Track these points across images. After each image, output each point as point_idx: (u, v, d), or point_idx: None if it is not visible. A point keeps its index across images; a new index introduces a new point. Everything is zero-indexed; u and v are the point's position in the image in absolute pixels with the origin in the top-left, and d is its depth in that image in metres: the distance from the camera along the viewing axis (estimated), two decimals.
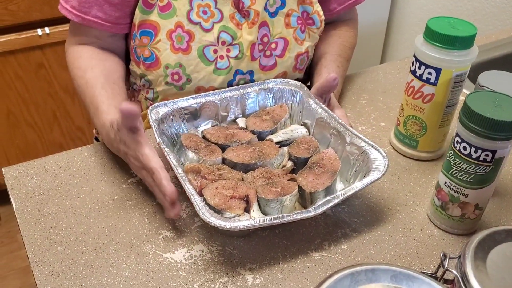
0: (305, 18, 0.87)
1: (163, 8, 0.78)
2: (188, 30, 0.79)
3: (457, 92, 0.72)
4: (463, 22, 0.70)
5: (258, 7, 0.81)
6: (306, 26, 0.87)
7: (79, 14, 0.79)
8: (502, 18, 1.63)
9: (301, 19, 0.86)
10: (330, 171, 0.66)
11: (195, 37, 0.80)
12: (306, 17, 0.87)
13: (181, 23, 0.79)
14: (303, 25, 0.86)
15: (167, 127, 0.73)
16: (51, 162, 0.75)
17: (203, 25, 0.80)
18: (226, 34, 0.81)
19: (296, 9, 0.85)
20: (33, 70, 1.57)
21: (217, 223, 0.55)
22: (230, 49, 0.81)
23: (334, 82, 0.74)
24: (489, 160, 0.58)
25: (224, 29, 0.80)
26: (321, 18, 0.88)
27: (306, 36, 0.87)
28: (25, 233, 0.64)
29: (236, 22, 0.81)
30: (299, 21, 0.86)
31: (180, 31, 0.79)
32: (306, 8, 0.86)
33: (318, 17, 0.87)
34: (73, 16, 0.79)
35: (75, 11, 0.79)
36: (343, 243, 0.64)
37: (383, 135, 0.84)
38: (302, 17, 0.86)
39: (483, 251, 0.47)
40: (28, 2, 1.47)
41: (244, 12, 0.81)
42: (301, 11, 0.86)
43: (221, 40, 0.81)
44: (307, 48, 0.88)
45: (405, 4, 1.98)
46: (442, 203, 0.65)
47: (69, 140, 1.77)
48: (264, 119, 0.77)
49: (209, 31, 0.80)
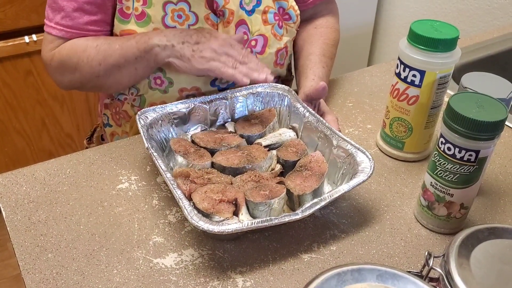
0: (281, 13, 0.88)
1: (139, 16, 0.80)
2: None
3: (442, 93, 0.73)
4: (445, 24, 0.72)
5: (232, 6, 0.82)
6: (283, 22, 0.88)
7: (67, 29, 0.80)
8: (486, 19, 1.66)
9: (278, 15, 0.87)
10: (317, 173, 0.67)
11: None
12: (282, 12, 0.88)
13: (158, 29, 0.80)
14: (280, 20, 0.88)
15: (156, 132, 0.73)
16: (40, 170, 0.75)
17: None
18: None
19: (272, 6, 0.86)
20: (21, 77, 1.57)
21: (205, 227, 0.56)
22: None
23: (323, 91, 0.75)
24: (473, 160, 0.59)
25: None
26: (296, 12, 0.89)
27: (284, 31, 0.89)
28: (15, 241, 0.64)
29: (212, 23, 0.82)
30: (276, 17, 0.87)
31: None
32: (281, 4, 0.88)
33: (293, 11, 0.89)
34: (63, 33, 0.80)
35: (62, 27, 0.80)
36: (332, 244, 0.65)
37: (370, 137, 0.85)
38: (278, 13, 0.88)
39: (467, 249, 0.48)
40: (15, 9, 1.47)
41: (219, 12, 0.82)
42: (277, 7, 0.87)
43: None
44: (285, 43, 0.89)
45: (391, 7, 2.00)
46: (428, 203, 0.66)
47: (59, 147, 1.77)
48: (253, 123, 0.78)
49: None
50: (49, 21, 0.81)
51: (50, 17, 0.81)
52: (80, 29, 0.80)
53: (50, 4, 0.80)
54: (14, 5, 1.46)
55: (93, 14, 0.79)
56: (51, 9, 0.80)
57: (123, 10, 0.80)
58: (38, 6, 1.49)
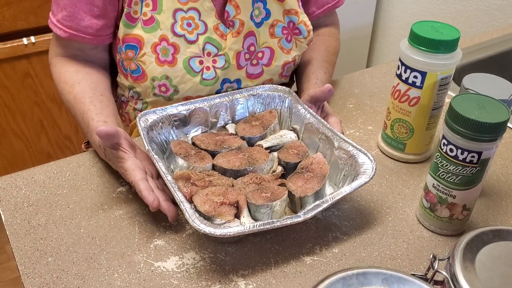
0: (291, 28, 0.87)
1: (147, 22, 0.79)
2: (173, 43, 0.79)
3: (443, 94, 0.73)
4: (446, 26, 0.71)
5: (243, 17, 0.82)
6: (293, 36, 0.88)
7: (64, 28, 0.80)
8: (484, 20, 1.66)
9: (287, 29, 0.87)
10: (319, 175, 0.67)
11: (180, 49, 0.80)
12: (292, 27, 0.87)
13: (166, 36, 0.79)
14: (289, 34, 0.87)
15: (156, 134, 0.73)
16: (40, 173, 0.75)
17: (187, 37, 0.80)
18: (211, 46, 0.81)
19: (281, 20, 0.86)
20: (19, 79, 1.56)
21: (207, 230, 0.55)
22: (216, 60, 0.82)
23: (329, 93, 0.75)
24: (475, 161, 0.59)
25: (209, 40, 0.81)
26: (308, 28, 0.88)
27: (293, 45, 0.88)
28: (15, 245, 0.63)
29: (221, 33, 0.82)
30: (284, 31, 0.86)
31: (165, 44, 0.79)
32: (291, 18, 0.87)
33: (304, 27, 0.88)
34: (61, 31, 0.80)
35: (62, 26, 0.80)
36: (334, 246, 0.64)
37: (371, 138, 0.85)
38: (288, 27, 0.87)
39: (472, 252, 0.48)
40: (13, 11, 1.46)
41: (229, 22, 0.82)
42: (287, 21, 0.87)
43: (207, 51, 0.81)
44: (294, 57, 0.89)
45: (390, 8, 2.00)
46: (430, 205, 0.66)
47: (57, 149, 1.76)
48: (253, 125, 0.77)
49: (194, 42, 0.80)
50: (53, 16, 0.81)
51: (54, 13, 0.80)
52: (79, 31, 0.79)
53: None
54: (12, 7, 1.45)
55: (95, 17, 0.79)
56: (56, 5, 0.80)
57: (130, 15, 0.79)
58: (36, 8, 1.48)
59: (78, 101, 0.77)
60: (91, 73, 0.82)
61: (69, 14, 0.78)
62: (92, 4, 0.78)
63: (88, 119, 0.74)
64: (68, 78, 0.81)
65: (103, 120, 0.74)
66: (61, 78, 0.82)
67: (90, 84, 0.80)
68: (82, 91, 0.78)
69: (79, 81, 0.80)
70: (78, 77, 0.80)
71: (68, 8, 0.78)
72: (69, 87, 0.79)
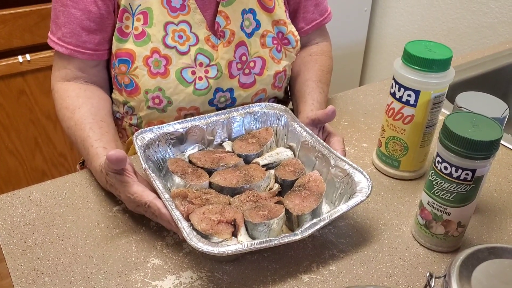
0: (280, 38, 0.90)
1: (138, 36, 0.80)
2: (165, 55, 0.81)
3: (436, 112, 0.74)
4: (439, 45, 0.73)
5: (233, 27, 0.84)
6: (282, 46, 0.90)
7: (65, 45, 0.80)
8: (475, 38, 1.68)
9: (276, 39, 0.89)
10: (316, 193, 0.67)
11: (172, 61, 0.81)
12: (281, 37, 0.90)
13: (157, 49, 0.80)
14: (279, 45, 0.89)
15: (153, 153, 0.73)
16: (36, 191, 0.75)
17: (179, 48, 0.81)
18: (203, 56, 0.83)
19: (271, 30, 0.88)
20: (14, 97, 1.56)
21: (204, 248, 0.55)
22: (209, 70, 0.83)
23: (333, 115, 0.75)
24: (470, 179, 0.60)
25: (200, 51, 0.82)
26: (296, 38, 0.91)
27: (282, 55, 0.90)
28: (11, 265, 0.63)
29: (212, 44, 0.83)
30: (274, 41, 0.88)
31: (157, 56, 0.80)
32: (280, 29, 0.89)
33: (293, 37, 0.90)
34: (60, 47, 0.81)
35: (63, 43, 0.81)
36: (331, 264, 0.65)
37: (366, 155, 0.86)
38: (277, 38, 0.89)
39: (468, 270, 0.48)
40: (9, 29, 1.47)
41: (220, 33, 0.84)
42: (276, 32, 0.89)
43: (199, 62, 0.83)
44: (284, 67, 0.91)
45: (383, 25, 2.03)
46: (425, 222, 0.66)
47: (52, 167, 1.75)
48: (250, 143, 0.78)
49: (186, 53, 0.82)
50: (53, 35, 0.82)
51: (54, 31, 0.81)
52: (79, 47, 0.80)
53: (53, 18, 0.81)
54: (8, 25, 1.46)
55: (93, 32, 0.80)
56: (54, 24, 0.81)
57: (122, 29, 0.80)
58: (31, 25, 1.49)
59: (78, 127, 0.78)
60: (92, 98, 0.82)
61: (68, 31, 0.79)
62: (88, 19, 0.79)
63: (88, 147, 0.75)
64: (69, 104, 0.81)
65: (103, 147, 0.74)
66: (62, 104, 0.82)
67: (91, 109, 0.80)
68: (82, 117, 0.78)
69: (79, 106, 0.80)
70: (79, 102, 0.81)
71: (66, 25, 0.79)
72: (70, 113, 0.80)
